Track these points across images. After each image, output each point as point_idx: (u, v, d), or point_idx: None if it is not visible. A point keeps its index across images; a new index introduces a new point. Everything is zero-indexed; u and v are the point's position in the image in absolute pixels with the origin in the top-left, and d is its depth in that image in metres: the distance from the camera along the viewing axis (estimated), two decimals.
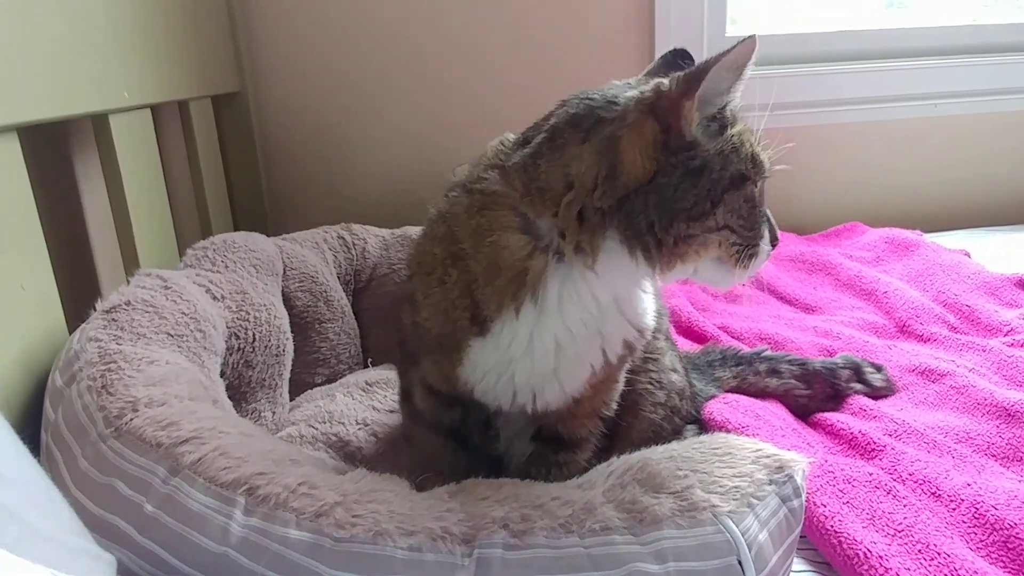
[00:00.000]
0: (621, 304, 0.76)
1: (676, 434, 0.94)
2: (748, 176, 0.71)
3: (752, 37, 0.68)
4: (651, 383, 0.91)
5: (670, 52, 0.81)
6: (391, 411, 1.13)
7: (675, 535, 0.61)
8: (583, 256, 0.71)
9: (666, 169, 0.68)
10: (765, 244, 0.73)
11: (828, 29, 2.05)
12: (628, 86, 0.74)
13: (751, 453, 0.70)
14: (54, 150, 1.06)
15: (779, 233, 0.77)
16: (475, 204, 0.75)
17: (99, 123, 1.08)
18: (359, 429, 1.08)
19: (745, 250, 0.71)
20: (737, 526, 0.62)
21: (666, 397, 0.92)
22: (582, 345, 0.76)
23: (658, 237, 0.69)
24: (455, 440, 0.88)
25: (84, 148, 1.09)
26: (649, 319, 0.79)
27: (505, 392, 0.79)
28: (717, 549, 0.61)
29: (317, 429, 1.08)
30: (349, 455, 1.03)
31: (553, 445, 0.85)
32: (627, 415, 0.89)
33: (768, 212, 0.75)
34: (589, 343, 0.77)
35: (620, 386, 0.85)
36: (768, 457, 0.69)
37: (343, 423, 1.09)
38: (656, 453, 0.72)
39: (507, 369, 0.77)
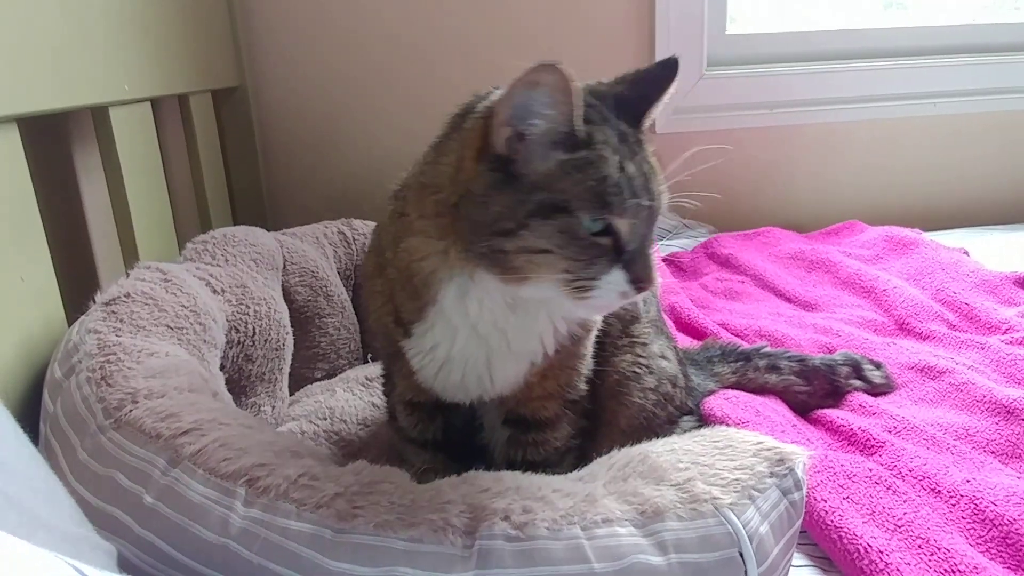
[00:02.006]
0: (541, 301, 0.74)
1: (671, 423, 0.94)
2: (566, 209, 0.66)
3: (545, 65, 0.62)
4: (638, 367, 0.90)
5: (664, 60, 0.78)
6: None
7: (677, 527, 0.61)
8: (462, 262, 0.71)
9: (476, 177, 0.68)
10: (614, 284, 0.68)
11: (827, 28, 2.05)
12: None
13: (752, 446, 0.70)
14: (54, 143, 1.06)
15: (656, 278, 0.70)
16: (396, 210, 0.78)
17: (99, 116, 1.08)
18: (360, 429, 1.08)
19: (575, 281, 0.67)
20: (738, 518, 0.62)
21: (656, 382, 0.91)
22: (512, 341, 0.77)
23: (476, 246, 0.68)
24: (444, 452, 0.90)
25: (84, 141, 1.09)
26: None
27: (457, 388, 0.81)
28: (718, 541, 0.61)
29: (318, 426, 1.08)
30: (351, 455, 1.02)
31: (521, 426, 0.86)
32: (610, 400, 0.89)
33: (645, 251, 0.70)
34: (517, 339, 0.77)
35: (581, 371, 0.84)
36: (769, 450, 0.69)
37: (344, 421, 1.09)
38: (657, 446, 0.71)
39: (446, 368, 0.79)
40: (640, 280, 0.69)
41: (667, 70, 0.75)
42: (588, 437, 0.89)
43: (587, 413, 0.88)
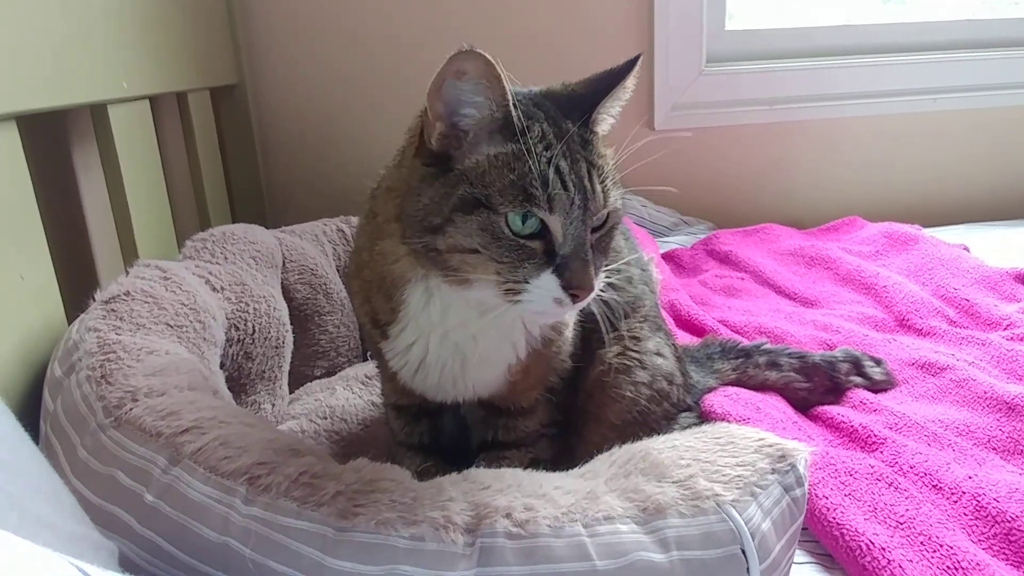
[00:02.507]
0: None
1: (667, 419, 0.94)
2: (486, 204, 0.64)
3: (465, 52, 0.61)
4: (629, 361, 0.90)
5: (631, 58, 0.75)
6: None
7: (679, 524, 0.61)
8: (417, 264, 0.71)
9: (412, 171, 0.68)
10: (545, 290, 0.65)
11: (827, 24, 2.05)
12: None
13: (754, 442, 0.70)
14: (53, 141, 1.05)
15: (591, 283, 0.65)
16: (372, 209, 0.78)
17: (98, 113, 1.08)
18: (361, 428, 1.08)
19: (504, 284, 0.66)
20: (740, 515, 0.62)
21: (650, 378, 0.91)
22: (484, 347, 0.77)
23: (413, 243, 0.68)
24: (436, 456, 0.90)
25: (83, 139, 1.08)
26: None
27: (435, 389, 0.82)
28: (720, 538, 0.61)
29: (319, 424, 1.08)
30: (352, 454, 1.02)
31: (493, 411, 0.87)
32: (597, 392, 0.89)
33: (583, 256, 0.65)
34: (489, 344, 0.77)
35: (562, 355, 0.84)
36: (770, 446, 0.69)
37: (345, 420, 1.09)
38: (658, 442, 0.71)
39: (422, 370, 0.80)
40: (573, 287, 0.65)
41: (627, 67, 0.73)
42: (574, 430, 0.89)
43: (572, 405, 0.88)
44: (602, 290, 0.72)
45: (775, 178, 2.04)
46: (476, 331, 0.76)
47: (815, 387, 1.12)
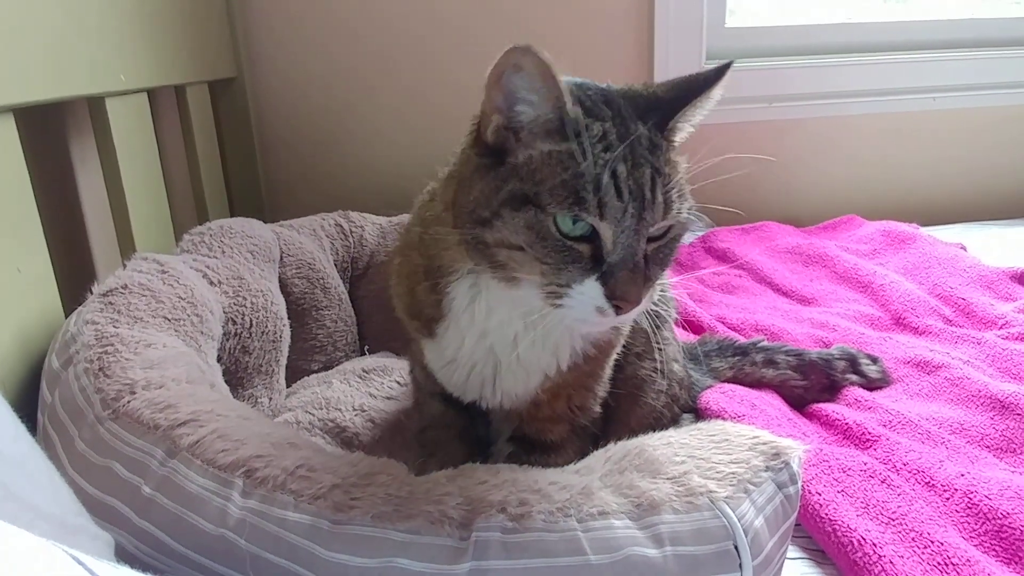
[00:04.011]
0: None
1: (674, 422, 0.95)
2: (534, 202, 0.62)
3: (520, 47, 0.60)
4: (655, 371, 0.90)
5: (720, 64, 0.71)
6: (388, 397, 1.13)
7: (672, 520, 0.62)
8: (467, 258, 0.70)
9: (467, 161, 0.68)
10: (588, 297, 0.63)
11: (827, 21, 2.05)
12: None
13: (748, 440, 0.70)
14: (50, 133, 1.05)
15: (637, 295, 0.63)
16: (432, 192, 0.77)
17: (95, 106, 1.08)
18: (356, 415, 1.08)
19: (547, 286, 0.64)
20: (734, 511, 0.63)
21: (667, 385, 0.92)
22: (522, 353, 0.75)
23: (464, 234, 0.66)
24: (454, 406, 0.89)
25: (80, 131, 1.08)
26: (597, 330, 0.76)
27: (460, 387, 0.81)
28: (714, 534, 0.62)
29: (314, 415, 1.08)
30: (346, 441, 1.03)
31: (524, 445, 0.85)
32: (625, 401, 0.89)
33: (634, 266, 0.63)
34: (528, 351, 0.75)
35: (597, 392, 0.83)
36: (765, 444, 0.69)
37: (340, 409, 1.09)
38: (653, 439, 0.72)
39: (452, 365, 0.79)
40: (617, 297, 0.62)
41: (716, 74, 0.70)
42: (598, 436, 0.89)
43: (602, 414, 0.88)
44: (655, 303, 0.68)
45: (774, 176, 2.04)
46: (516, 335, 0.74)
47: (811, 385, 1.12)
